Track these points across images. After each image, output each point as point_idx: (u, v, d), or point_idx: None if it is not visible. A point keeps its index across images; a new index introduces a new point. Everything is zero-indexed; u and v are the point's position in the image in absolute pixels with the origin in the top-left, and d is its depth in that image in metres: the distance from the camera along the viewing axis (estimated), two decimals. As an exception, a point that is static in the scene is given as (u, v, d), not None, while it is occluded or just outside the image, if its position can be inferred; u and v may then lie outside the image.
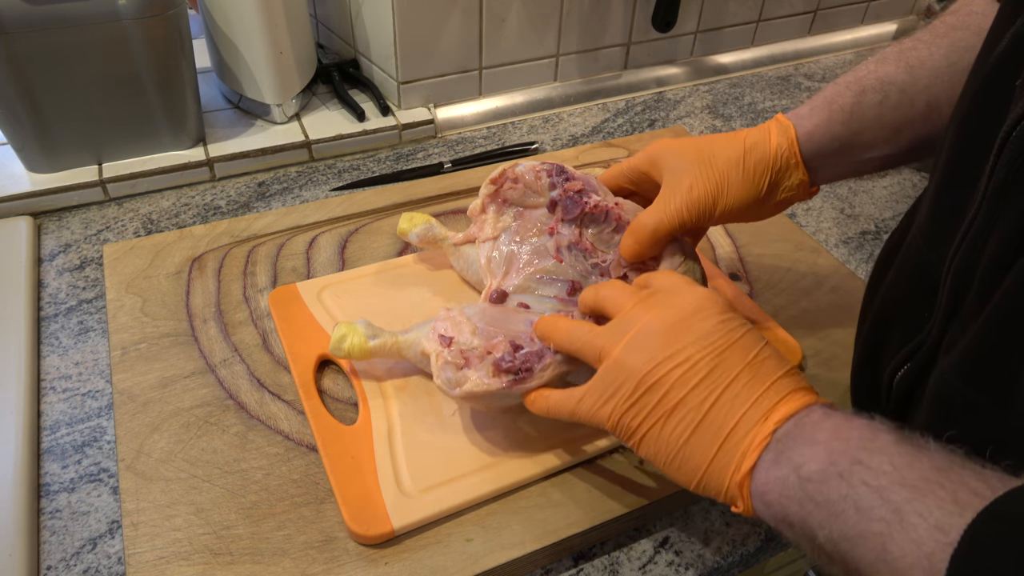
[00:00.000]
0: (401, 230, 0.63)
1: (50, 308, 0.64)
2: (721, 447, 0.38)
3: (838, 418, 0.37)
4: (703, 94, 1.03)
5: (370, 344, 0.52)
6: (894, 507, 0.31)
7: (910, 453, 0.33)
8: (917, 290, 0.43)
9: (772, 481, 0.36)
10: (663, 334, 0.41)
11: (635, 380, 0.41)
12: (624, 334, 0.42)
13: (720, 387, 0.39)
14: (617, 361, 0.42)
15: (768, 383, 0.39)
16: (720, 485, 0.38)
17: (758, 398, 0.39)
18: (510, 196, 0.58)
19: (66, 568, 0.47)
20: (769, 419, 0.38)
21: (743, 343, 0.41)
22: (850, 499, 0.33)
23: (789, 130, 0.52)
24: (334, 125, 0.86)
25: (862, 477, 0.33)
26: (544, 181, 0.57)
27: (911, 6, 1.21)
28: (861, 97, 0.50)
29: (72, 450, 0.54)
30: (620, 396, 0.41)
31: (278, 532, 0.47)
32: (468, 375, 0.48)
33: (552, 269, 0.56)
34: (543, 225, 0.57)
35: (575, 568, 0.49)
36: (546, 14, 0.90)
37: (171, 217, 0.75)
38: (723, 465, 0.38)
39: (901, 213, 0.82)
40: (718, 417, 0.39)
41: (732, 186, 0.51)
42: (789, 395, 0.39)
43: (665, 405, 0.40)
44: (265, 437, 0.53)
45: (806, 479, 0.35)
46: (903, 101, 0.50)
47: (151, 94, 0.75)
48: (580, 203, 0.55)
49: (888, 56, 0.51)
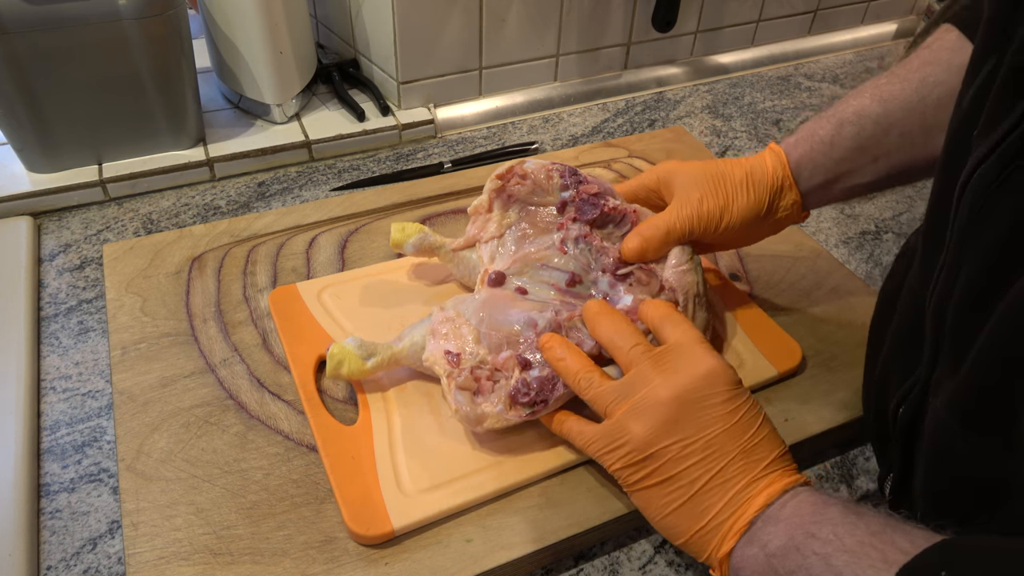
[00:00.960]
0: (394, 242, 0.60)
1: (50, 308, 0.64)
2: (705, 526, 0.42)
3: (802, 496, 0.41)
4: (703, 94, 1.03)
5: (367, 365, 0.53)
6: (836, 571, 0.36)
7: (852, 521, 0.37)
8: (912, 329, 0.45)
9: (745, 559, 0.40)
10: (666, 406, 0.43)
11: (634, 445, 0.44)
12: (630, 396, 0.45)
13: (711, 471, 0.42)
14: (620, 422, 0.45)
15: (757, 470, 0.42)
16: (700, 554, 0.43)
17: (745, 486, 0.42)
18: (516, 192, 0.58)
19: (66, 568, 0.47)
20: (751, 507, 0.41)
21: (743, 424, 0.43)
22: (804, 568, 0.37)
23: (781, 156, 0.56)
24: (334, 125, 0.86)
25: (812, 548, 0.37)
26: (556, 181, 0.57)
27: (911, 6, 1.21)
28: (839, 129, 0.54)
29: (72, 450, 0.54)
30: (620, 454, 0.44)
31: (278, 532, 0.47)
32: (486, 412, 0.49)
33: (554, 258, 0.56)
34: (549, 224, 0.57)
35: (575, 568, 0.49)
36: (546, 14, 0.90)
37: (171, 217, 0.75)
38: (704, 541, 0.42)
39: (901, 213, 0.82)
40: (706, 498, 0.42)
41: (738, 203, 0.54)
42: (773, 480, 0.42)
43: (659, 475, 0.43)
44: (265, 437, 0.53)
45: (771, 555, 0.39)
46: (877, 132, 0.53)
47: (151, 94, 0.75)
48: (599, 205, 0.56)
49: (865, 90, 0.55)
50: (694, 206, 0.54)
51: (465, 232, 0.61)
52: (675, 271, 0.54)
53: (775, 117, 0.98)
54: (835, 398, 0.58)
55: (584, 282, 0.55)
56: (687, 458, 0.43)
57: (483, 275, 0.57)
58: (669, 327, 0.48)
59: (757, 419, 0.44)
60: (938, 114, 0.50)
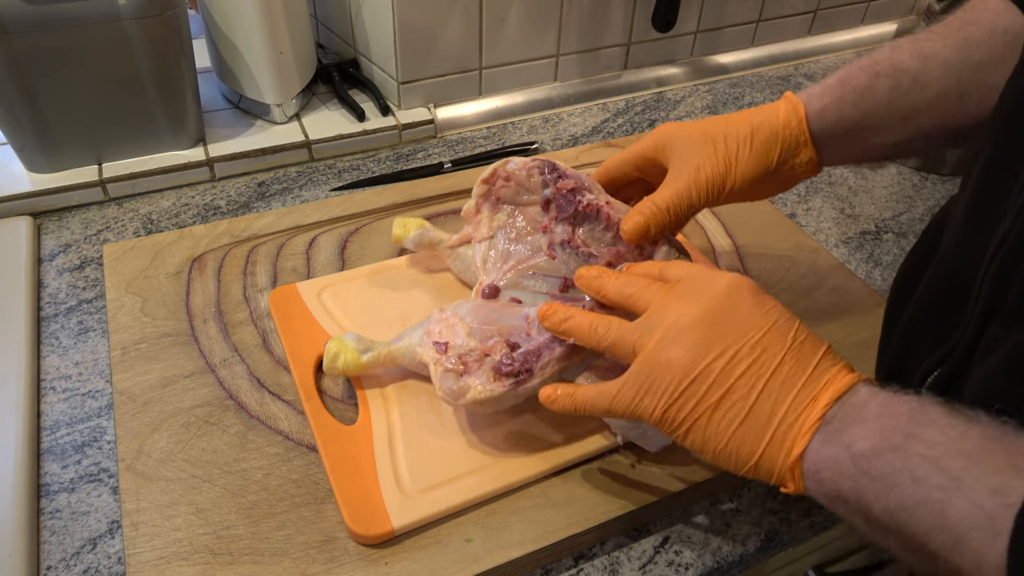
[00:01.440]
0: (395, 236, 0.63)
1: (50, 308, 0.64)
2: (772, 435, 0.39)
3: (884, 396, 0.37)
4: (703, 94, 1.03)
5: (363, 359, 0.53)
6: (951, 474, 0.32)
7: (962, 424, 0.33)
8: (948, 295, 0.44)
9: (824, 460, 0.37)
10: (699, 324, 0.41)
11: (676, 374, 0.40)
12: (658, 327, 0.42)
13: (765, 375, 0.39)
14: (653, 356, 0.41)
15: (811, 366, 0.39)
16: (771, 470, 0.39)
17: (804, 383, 0.39)
18: (503, 194, 0.58)
19: (66, 568, 0.47)
20: (817, 402, 0.38)
21: (780, 326, 0.41)
22: (905, 471, 0.33)
23: (799, 108, 0.52)
24: (334, 125, 0.86)
25: (916, 449, 0.33)
26: (536, 179, 0.56)
27: (911, 6, 1.21)
28: (874, 81, 0.51)
29: (72, 450, 0.54)
30: (661, 390, 0.41)
31: (278, 532, 0.47)
32: (469, 384, 0.48)
33: (544, 266, 0.56)
34: (537, 223, 0.57)
35: (575, 568, 0.49)
36: (546, 14, 0.90)
37: (171, 217, 0.75)
38: (774, 451, 0.39)
39: (901, 213, 0.82)
40: (766, 406, 0.39)
41: (741, 164, 0.51)
42: (833, 376, 0.39)
43: (710, 398, 0.40)
44: (265, 437, 0.53)
45: (859, 455, 0.35)
46: (914, 88, 0.50)
47: (151, 94, 0.75)
48: (573, 201, 0.55)
49: (902, 45, 0.52)
50: (692, 175, 0.51)
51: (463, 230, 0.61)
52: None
53: (775, 117, 0.98)
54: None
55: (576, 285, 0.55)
56: (736, 367, 0.40)
57: (477, 289, 0.57)
58: (671, 268, 0.46)
59: (794, 320, 0.42)
60: (975, 76, 0.49)
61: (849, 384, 0.39)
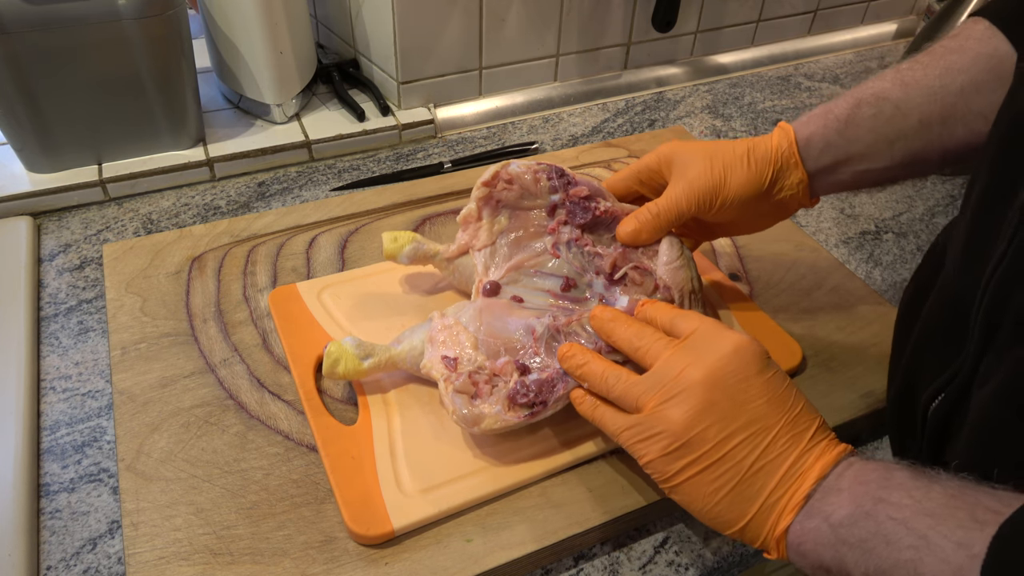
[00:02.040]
0: (387, 252, 0.59)
1: (50, 308, 0.64)
2: (759, 509, 0.40)
3: (857, 465, 0.39)
4: (703, 94, 1.03)
5: (364, 365, 0.53)
6: (919, 534, 0.34)
7: (925, 485, 0.36)
8: (950, 321, 0.44)
9: (806, 532, 0.38)
10: (701, 387, 0.42)
11: (672, 431, 0.42)
12: (661, 384, 0.43)
13: (759, 447, 0.40)
14: (654, 412, 0.43)
15: (804, 440, 0.41)
16: (756, 539, 0.41)
17: (795, 459, 0.40)
18: (504, 198, 0.56)
19: (66, 568, 0.47)
20: (805, 480, 0.40)
21: (780, 395, 0.42)
22: (879, 535, 0.35)
23: (789, 132, 0.54)
24: (334, 125, 0.86)
25: (887, 512, 0.35)
26: (544, 184, 0.56)
27: (911, 6, 1.21)
28: (856, 109, 0.53)
29: (72, 450, 0.54)
30: (657, 445, 0.42)
31: (278, 532, 0.47)
32: (484, 412, 0.48)
33: (547, 264, 0.56)
34: (541, 227, 0.57)
35: (575, 568, 0.49)
36: (546, 14, 0.90)
37: (171, 217, 0.75)
38: (759, 524, 0.40)
39: (901, 213, 0.82)
40: (758, 478, 0.40)
41: (734, 178, 0.53)
42: (821, 451, 0.41)
43: (702, 463, 0.41)
44: (265, 437, 0.53)
45: (836, 525, 0.37)
46: (896, 115, 0.52)
47: (151, 94, 0.75)
48: (591, 209, 0.55)
49: (885, 75, 0.54)
50: (686, 185, 0.53)
51: (456, 239, 0.59)
52: (667, 268, 0.54)
53: (775, 117, 0.98)
54: (835, 398, 0.58)
55: (579, 285, 0.55)
56: (731, 438, 0.40)
57: (478, 285, 0.56)
58: (682, 321, 0.47)
59: (792, 389, 0.43)
60: (958, 103, 0.50)
61: (835, 460, 0.40)
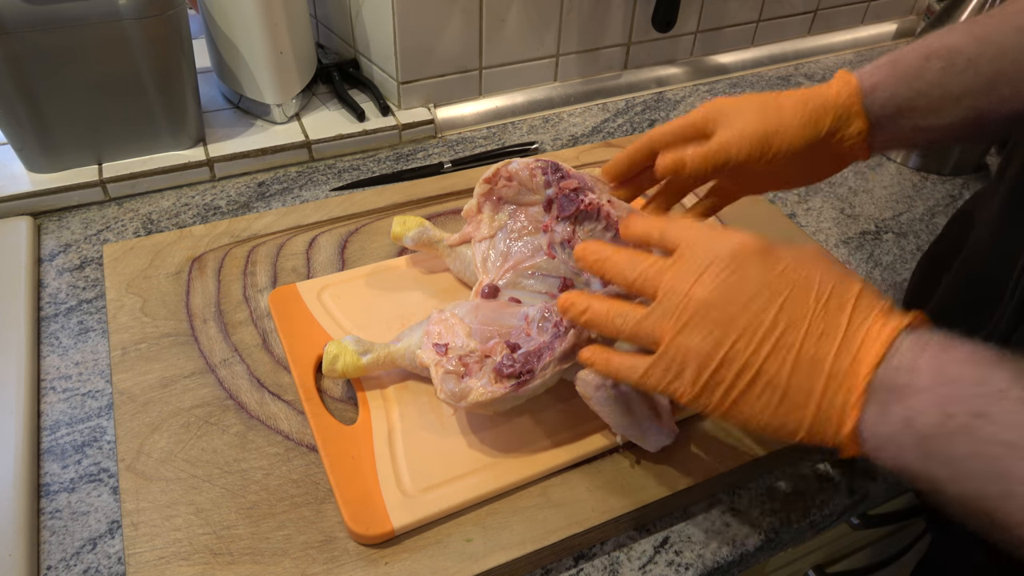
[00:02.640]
0: (395, 234, 0.63)
1: (50, 308, 0.64)
2: (816, 413, 0.36)
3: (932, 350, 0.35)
4: (703, 94, 1.03)
5: (363, 361, 0.53)
6: None
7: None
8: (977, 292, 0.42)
9: (882, 439, 0.35)
10: (712, 307, 0.39)
11: (700, 362, 0.39)
12: (672, 313, 0.40)
13: (794, 348, 0.37)
14: (675, 346, 0.39)
15: (842, 328, 0.37)
16: (824, 439, 0.37)
17: (837, 350, 0.36)
18: (505, 194, 0.58)
19: (66, 568, 0.47)
20: (858, 372, 0.35)
21: (799, 287, 0.38)
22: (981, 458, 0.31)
23: (852, 81, 0.51)
24: (334, 125, 0.86)
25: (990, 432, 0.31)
26: (539, 179, 0.57)
27: (911, 6, 1.21)
28: (926, 61, 0.50)
29: (72, 450, 0.54)
30: (689, 378, 0.39)
31: (278, 532, 0.47)
32: (470, 385, 0.48)
33: (544, 265, 0.56)
34: (538, 223, 0.57)
35: (575, 568, 0.49)
36: (546, 14, 0.90)
37: (171, 217, 0.75)
38: (821, 427, 0.37)
39: (901, 213, 0.82)
40: (803, 384, 0.37)
41: (789, 127, 0.50)
42: (868, 332, 0.36)
43: (740, 383, 0.38)
44: (265, 437, 0.53)
45: (923, 436, 0.33)
46: (968, 69, 0.49)
47: (151, 94, 0.75)
48: (576, 201, 0.55)
49: (956, 28, 0.51)
50: (738, 131, 0.49)
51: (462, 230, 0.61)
52: None
53: (775, 117, 0.98)
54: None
55: (576, 285, 0.56)
56: (761, 347, 0.37)
57: (477, 288, 0.57)
58: (671, 230, 0.43)
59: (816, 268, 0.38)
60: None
61: (890, 340, 0.36)
